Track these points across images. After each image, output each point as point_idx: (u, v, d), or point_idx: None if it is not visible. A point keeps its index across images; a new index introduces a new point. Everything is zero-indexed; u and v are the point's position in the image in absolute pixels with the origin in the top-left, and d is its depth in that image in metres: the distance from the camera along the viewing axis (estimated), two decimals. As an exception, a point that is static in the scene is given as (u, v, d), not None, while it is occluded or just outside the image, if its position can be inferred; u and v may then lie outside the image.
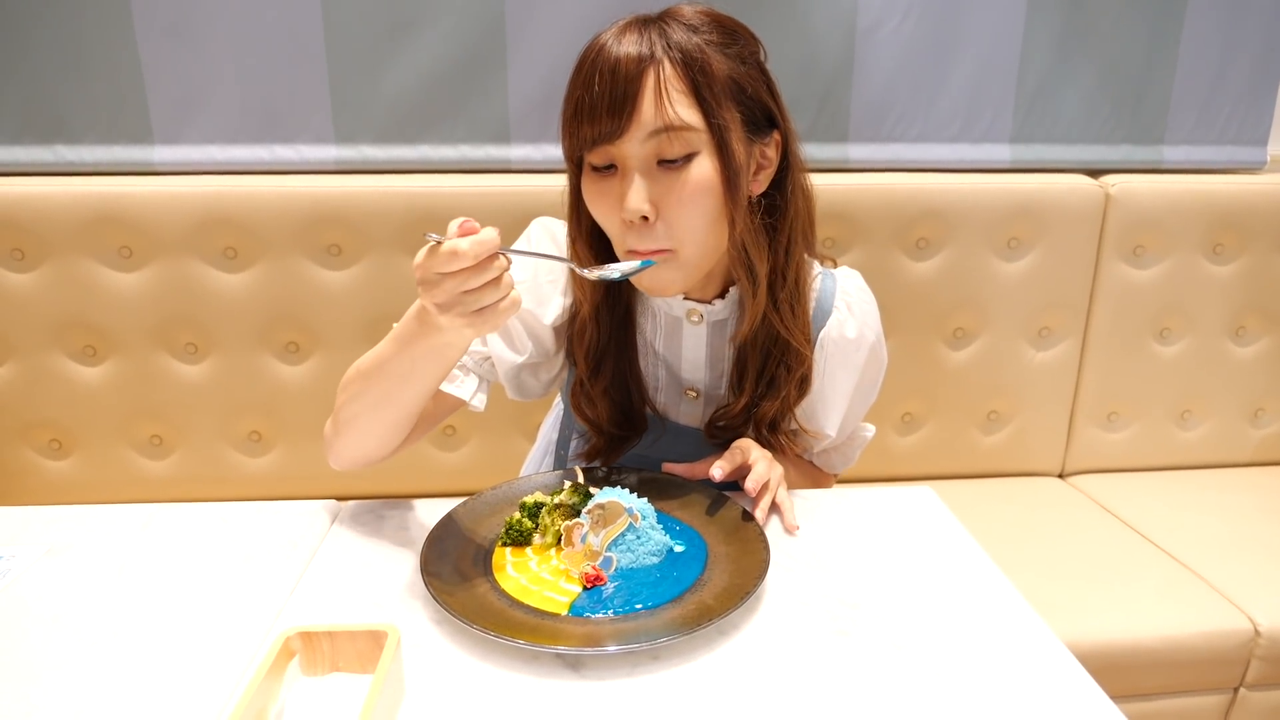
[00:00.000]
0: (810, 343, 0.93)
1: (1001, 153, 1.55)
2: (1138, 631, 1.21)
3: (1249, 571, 1.32)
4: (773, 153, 0.86)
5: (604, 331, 0.92)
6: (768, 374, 0.92)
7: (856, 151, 1.52)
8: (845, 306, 0.95)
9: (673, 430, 0.99)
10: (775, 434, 0.94)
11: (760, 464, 0.88)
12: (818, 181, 1.42)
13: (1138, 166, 1.57)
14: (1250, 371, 1.63)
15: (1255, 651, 1.23)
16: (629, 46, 0.77)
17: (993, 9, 1.47)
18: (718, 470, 0.87)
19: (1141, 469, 1.66)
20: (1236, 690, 1.26)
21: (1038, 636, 0.72)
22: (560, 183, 0.98)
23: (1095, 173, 1.55)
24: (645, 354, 0.96)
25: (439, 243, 0.65)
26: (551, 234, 0.97)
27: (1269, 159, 1.60)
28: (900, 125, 1.52)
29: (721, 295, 0.93)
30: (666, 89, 0.76)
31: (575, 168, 0.86)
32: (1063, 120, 1.54)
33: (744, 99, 0.81)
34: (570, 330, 0.95)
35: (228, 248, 1.39)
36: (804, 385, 0.93)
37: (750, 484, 0.85)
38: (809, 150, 1.48)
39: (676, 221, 0.80)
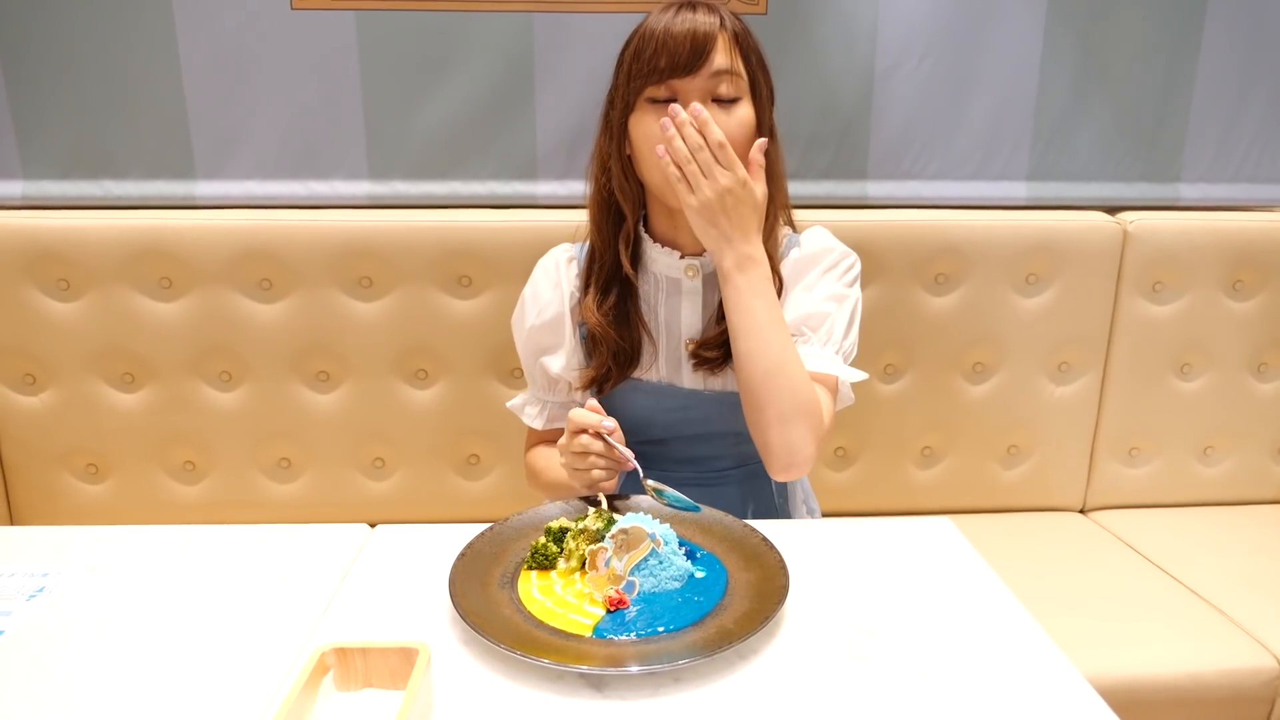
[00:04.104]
0: (780, 269, 1.08)
1: (1019, 190, 1.57)
2: (1161, 668, 1.20)
3: (1274, 609, 1.30)
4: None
5: (613, 262, 1.08)
6: None
7: (875, 188, 1.55)
8: (796, 247, 1.11)
9: (680, 395, 1.11)
10: None
11: None
12: (837, 218, 1.48)
13: (1154, 204, 1.59)
14: (1273, 408, 1.63)
15: (1281, 690, 1.22)
16: (701, 17, 0.98)
17: (1009, 49, 1.51)
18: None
19: (1164, 505, 1.65)
20: (1263, 729, 1.24)
21: (1059, 669, 0.72)
22: (583, 217, 1.10)
23: (1113, 210, 1.57)
24: (649, 318, 1.11)
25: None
26: (556, 263, 1.14)
27: (1287, 197, 1.61)
28: (919, 163, 1.55)
29: None
30: (731, 46, 0.99)
31: (624, 113, 1.02)
32: (1079, 158, 1.57)
33: (766, 73, 1.04)
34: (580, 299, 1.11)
35: (263, 279, 1.43)
36: None
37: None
38: (829, 188, 1.54)
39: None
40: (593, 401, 0.98)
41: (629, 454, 0.95)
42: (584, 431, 0.95)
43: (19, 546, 0.92)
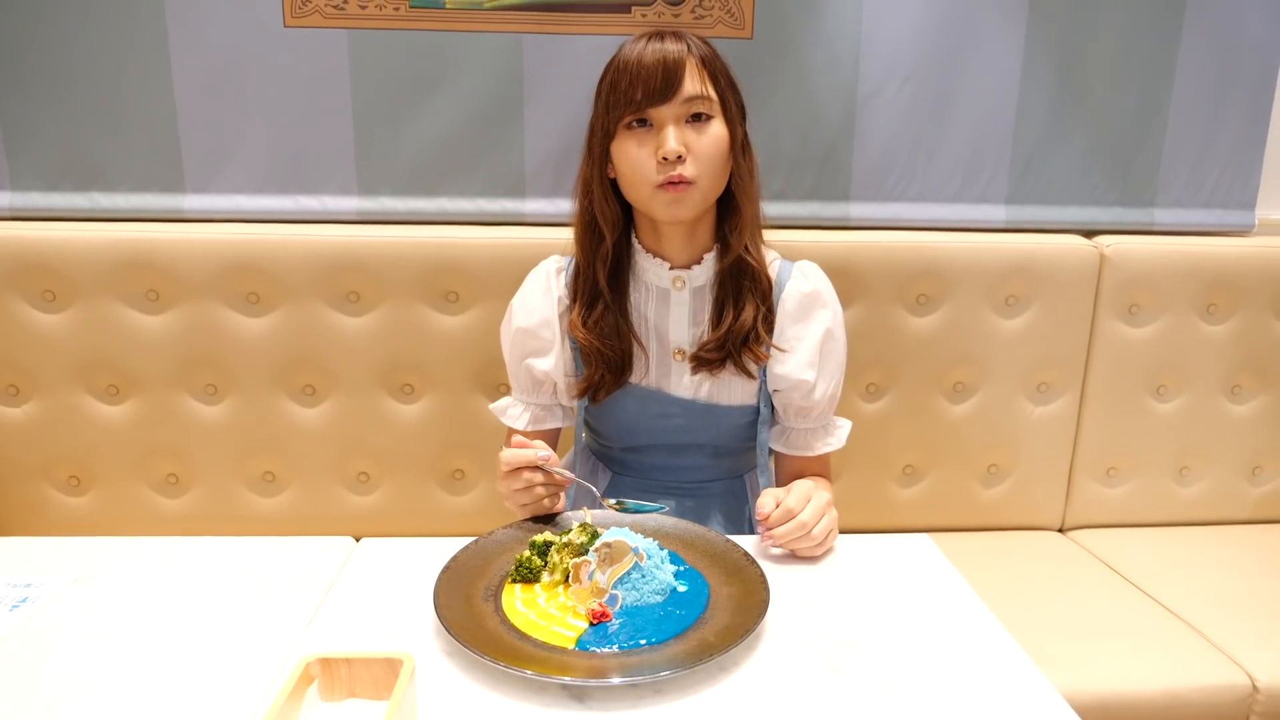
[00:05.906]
0: (767, 272, 1.13)
1: (998, 213, 1.60)
2: (1136, 685, 1.22)
3: (1247, 627, 1.32)
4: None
5: (601, 279, 1.12)
6: (740, 300, 1.11)
7: (858, 210, 1.58)
8: (801, 274, 1.15)
9: (668, 401, 1.13)
10: (748, 348, 1.11)
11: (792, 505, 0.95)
12: (820, 239, 1.51)
13: (1130, 228, 1.62)
14: (1247, 429, 1.65)
15: (1254, 708, 1.23)
16: (670, 45, 1.04)
17: (988, 76, 1.54)
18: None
19: (1141, 524, 1.67)
20: (1236, 746, 1.26)
21: (1034, 685, 0.73)
22: (570, 235, 1.14)
23: (1089, 233, 1.60)
24: (639, 324, 1.14)
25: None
26: (547, 273, 1.17)
27: (1257, 222, 1.65)
28: (900, 185, 1.58)
29: (698, 262, 1.12)
30: (699, 72, 1.05)
31: (605, 141, 1.07)
32: (1056, 182, 1.60)
33: (735, 92, 1.10)
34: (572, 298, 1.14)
35: (250, 293, 1.44)
36: (769, 316, 1.12)
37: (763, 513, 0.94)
38: (812, 209, 1.57)
39: (700, 159, 1.04)
40: (518, 437, 1.00)
41: (567, 474, 0.98)
42: (522, 470, 0.96)
43: (2, 557, 0.92)
